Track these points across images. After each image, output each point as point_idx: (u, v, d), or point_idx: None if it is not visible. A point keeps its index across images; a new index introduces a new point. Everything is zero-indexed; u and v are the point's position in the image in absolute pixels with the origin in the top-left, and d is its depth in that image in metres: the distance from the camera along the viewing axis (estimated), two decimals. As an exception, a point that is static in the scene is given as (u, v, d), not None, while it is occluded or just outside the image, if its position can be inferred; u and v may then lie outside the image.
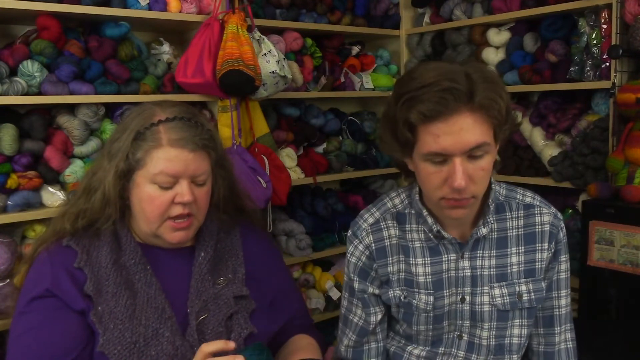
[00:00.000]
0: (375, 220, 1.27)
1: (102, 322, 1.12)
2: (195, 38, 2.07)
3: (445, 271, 1.22)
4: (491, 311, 1.22)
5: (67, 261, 1.17)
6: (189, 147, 1.17)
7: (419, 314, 1.23)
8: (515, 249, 1.23)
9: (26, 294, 1.15)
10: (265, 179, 2.11)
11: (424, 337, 1.26)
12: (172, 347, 1.12)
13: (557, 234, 1.24)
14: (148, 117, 1.20)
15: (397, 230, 1.25)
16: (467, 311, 1.23)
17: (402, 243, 1.25)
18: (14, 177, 1.81)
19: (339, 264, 2.78)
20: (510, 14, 2.40)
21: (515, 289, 1.22)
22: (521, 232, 1.23)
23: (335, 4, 2.63)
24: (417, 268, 1.23)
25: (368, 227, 1.27)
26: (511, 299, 1.21)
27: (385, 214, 1.27)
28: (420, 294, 1.22)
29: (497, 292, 1.22)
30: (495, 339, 1.24)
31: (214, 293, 1.21)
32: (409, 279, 1.24)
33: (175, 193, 1.17)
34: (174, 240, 1.20)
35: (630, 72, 2.07)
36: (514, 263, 1.22)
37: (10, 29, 2.03)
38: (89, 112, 1.95)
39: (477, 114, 1.03)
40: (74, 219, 1.21)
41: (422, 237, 1.24)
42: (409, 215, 1.25)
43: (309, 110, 2.63)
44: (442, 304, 1.22)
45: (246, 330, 1.19)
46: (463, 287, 1.22)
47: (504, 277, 1.22)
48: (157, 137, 1.16)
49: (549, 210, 1.25)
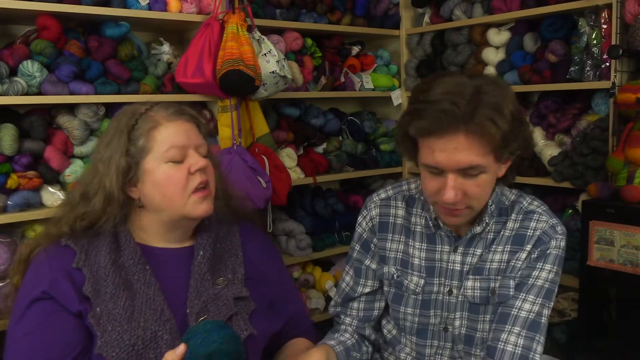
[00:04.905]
0: (386, 197, 1.35)
1: (100, 324, 1.11)
2: (195, 38, 2.07)
3: (438, 260, 1.27)
4: (464, 302, 1.25)
5: (65, 261, 1.16)
6: (184, 117, 1.24)
7: (409, 295, 1.28)
8: (501, 248, 1.25)
9: (24, 297, 1.15)
10: (265, 179, 2.11)
11: (410, 324, 1.29)
12: None
13: (546, 242, 1.23)
14: (134, 112, 1.23)
15: (404, 212, 1.32)
16: (452, 304, 1.26)
17: (406, 225, 1.31)
18: (14, 177, 1.81)
19: (339, 264, 2.78)
20: (510, 14, 2.40)
21: (489, 284, 1.23)
22: (513, 233, 1.25)
23: (335, 4, 2.63)
24: (414, 250, 1.29)
25: (378, 201, 1.35)
26: (482, 293, 1.23)
27: (398, 194, 1.35)
28: (413, 275, 1.28)
29: (470, 284, 1.24)
30: (467, 329, 1.26)
31: (213, 294, 1.21)
32: (405, 260, 1.30)
33: (188, 164, 1.19)
34: (202, 213, 1.21)
35: (630, 72, 2.07)
36: (495, 260, 1.24)
37: (10, 29, 2.03)
38: (89, 112, 1.95)
39: (473, 135, 1.05)
40: (72, 222, 1.21)
41: (422, 222, 1.30)
42: (418, 200, 1.32)
43: (309, 110, 2.63)
44: (430, 290, 1.26)
45: (246, 331, 1.19)
46: (451, 280, 1.26)
47: (480, 271, 1.24)
48: (151, 119, 1.20)
49: (548, 220, 1.24)
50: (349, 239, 2.67)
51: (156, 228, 1.24)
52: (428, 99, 1.07)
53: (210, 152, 1.32)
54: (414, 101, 1.13)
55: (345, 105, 2.97)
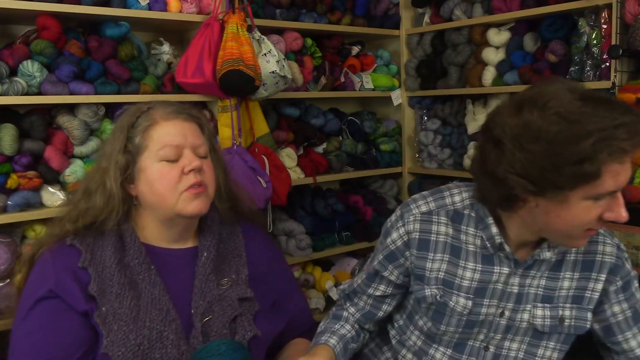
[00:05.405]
0: (428, 210, 1.21)
1: (106, 323, 1.11)
2: (195, 38, 2.07)
3: (493, 282, 1.17)
4: (527, 329, 1.19)
5: (70, 261, 1.16)
6: (181, 116, 1.23)
7: (452, 316, 1.19)
8: (570, 274, 1.18)
9: (29, 295, 1.14)
10: (265, 179, 2.11)
11: (449, 338, 1.22)
12: (177, 352, 1.12)
13: (621, 267, 1.18)
14: (137, 110, 1.25)
15: (450, 229, 1.19)
16: (502, 325, 1.19)
17: (455, 243, 1.18)
18: (14, 177, 1.81)
19: (339, 264, 2.78)
20: (510, 14, 2.40)
21: (558, 313, 1.17)
22: (580, 257, 1.18)
23: (335, 4, 2.63)
24: (465, 272, 1.17)
25: (418, 215, 1.21)
26: (552, 322, 1.17)
27: (440, 209, 1.20)
28: (460, 297, 1.17)
29: (540, 312, 1.17)
30: (525, 354, 1.20)
31: (218, 294, 1.21)
32: (449, 280, 1.18)
33: (182, 165, 1.19)
34: (194, 210, 1.20)
35: (630, 72, 2.07)
36: (565, 287, 1.18)
37: (10, 29, 2.02)
38: (89, 112, 1.95)
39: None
40: (75, 220, 1.21)
41: (477, 242, 1.17)
42: (468, 217, 1.19)
43: (309, 110, 2.63)
44: (479, 311, 1.18)
45: (250, 332, 1.19)
46: (507, 302, 1.17)
47: (550, 299, 1.17)
48: (149, 117, 1.21)
49: (612, 241, 1.20)
50: (349, 239, 2.68)
51: (154, 226, 1.24)
52: (619, 121, 0.93)
53: (216, 152, 1.32)
54: (597, 128, 0.93)
55: (345, 105, 2.97)
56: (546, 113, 0.96)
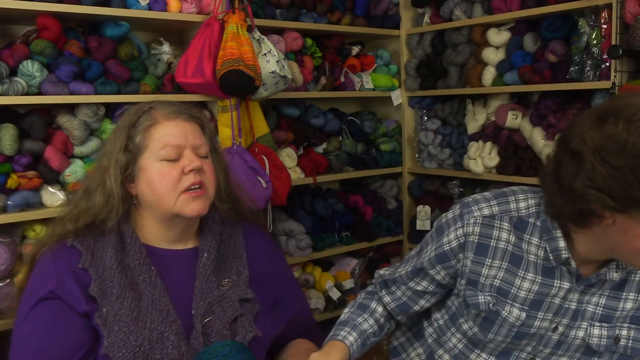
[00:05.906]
0: (490, 214, 1.15)
1: (106, 324, 1.11)
2: (195, 38, 2.07)
3: (551, 296, 1.12)
4: (580, 345, 1.15)
5: (71, 262, 1.16)
6: (182, 116, 1.23)
7: (503, 325, 1.15)
8: (633, 295, 1.13)
9: (30, 296, 1.15)
10: (265, 179, 2.11)
11: (495, 346, 1.19)
12: (178, 353, 1.12)
13: None
14: (138, 109, 1.25)
15: (512, 237, 1.14)
16: (554, 340, 1.15)
17: (516, 252, 1.13)
18: (14, 177, 1.81)
19: (339, 264, 2.79)
20: (510, 14, 2.40)
21: (615, 332, 1.13)
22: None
23: (335, 4, 2.63)
24: (524, 282, 1.13)
25: (479, 217, 1.15)
26: (607, 342, 1.13)
27: (504, 214, 1.15)
28: (514, 307, 1.13)
29: (597, 332, 1.13)
30: None
31: (218, 295, 1.21)
32: (505, 289, 1.14)
33: (182, 165, 1.19)
34: (193, 212, 1.20)
35: (630, 72, 2.07)
36: (627, 309, 1.13)
37: (10, 29, 2.02)
38: (89, 112, 1.95)
39: None
40: (75, 219, 1.21)
41: (540, 253, 1.12)
42: (532, 226, 1.13)
43: (309, 110, 2.63)
44: (531, 324, 1.14)
45: (251, 333, 1.19)
46: (562, 317, 1.13)
47: (609, 319, 1.13)
48: (150, 117, 1.22)
49: None
50: (349, 239, 2.68)
51: (154, 227, 1.24)
52: None
53: (217, 152, 1.32)
54: None
55: (345, 105, 2.97)
56: (633, 126, 0.90)
